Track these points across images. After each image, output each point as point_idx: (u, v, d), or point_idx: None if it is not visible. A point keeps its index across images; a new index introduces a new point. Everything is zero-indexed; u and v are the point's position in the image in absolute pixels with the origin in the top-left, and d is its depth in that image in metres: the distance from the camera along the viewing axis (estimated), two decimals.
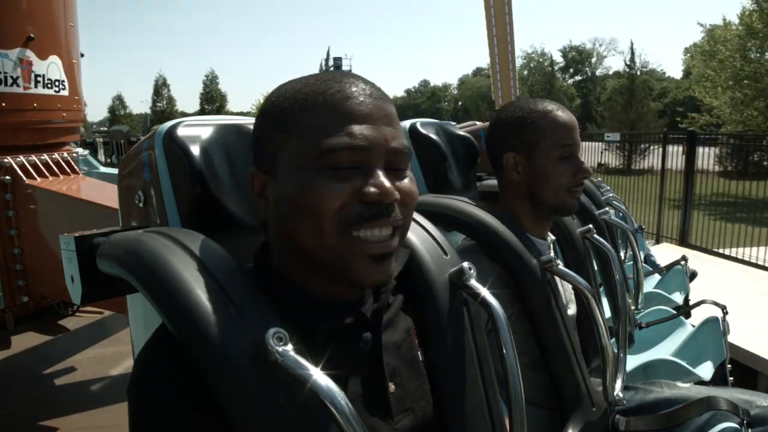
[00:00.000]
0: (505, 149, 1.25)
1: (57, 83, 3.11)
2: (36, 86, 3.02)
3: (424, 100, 70.58)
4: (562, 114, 1.22)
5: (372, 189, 0.63)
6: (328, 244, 0.63)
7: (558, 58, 49.84)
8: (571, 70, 51.66)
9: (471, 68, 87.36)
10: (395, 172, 0.67)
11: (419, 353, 0.76)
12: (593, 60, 52.14)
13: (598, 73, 51.52)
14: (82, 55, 3.06)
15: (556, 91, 39.23)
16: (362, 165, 0.64)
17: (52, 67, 3.09)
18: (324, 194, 0.62)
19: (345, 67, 31.24)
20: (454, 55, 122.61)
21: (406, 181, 0.68)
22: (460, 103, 64.98)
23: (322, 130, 0.64)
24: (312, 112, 0.65)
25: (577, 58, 51.44)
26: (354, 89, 0.66)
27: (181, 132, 0.84)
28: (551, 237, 1.35)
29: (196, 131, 0.85)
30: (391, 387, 0.71)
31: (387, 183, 0.63)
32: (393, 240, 0.66)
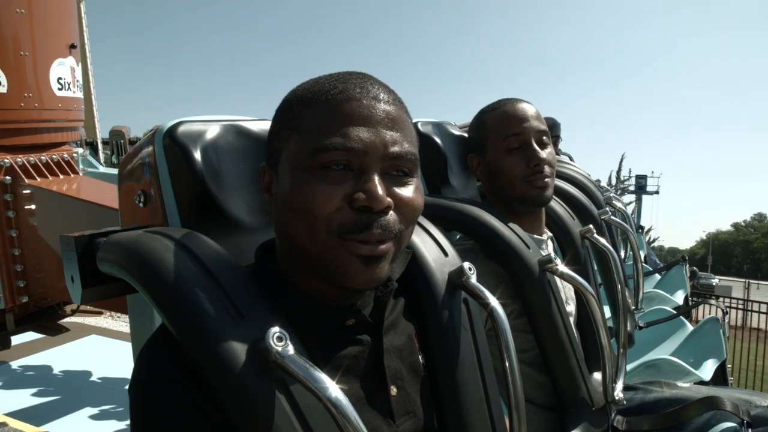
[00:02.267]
0: (469, 152, 1.30)
1: (81, 86, 3.15)
2: (77, 90, 3.07)
3: (757, 236, 57.27)
4: (510, 106, 1.23)
5: (361, 194, 0.61)
6: (319, 245, 0.62)
7: None
8: None
9: None
10: (396, 178, 0.65)
11: (420, 356, 0.76)
12: None
13: None
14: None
15: None
16: (357, 168, 0.63)
17: (80, 72, 3.12)
18: (315, 196, 0.61)
19: (650, 188, 25.75)
20: None
21: (407, 189, 0.65)
22: None
23: (319, 129, 0.63)
24: (313, 110, 0.64)
25: None
26: (358, 90, 0.65)
27: (181, 132, 0.84)
28: (548, 234, 1.35)
29: (197, 131, 0.85)
30: (393, 390, 0.70)
31: (379, 189, 0.61)
32: (384, 245, 0.63)
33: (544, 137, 1.22)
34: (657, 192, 26.04)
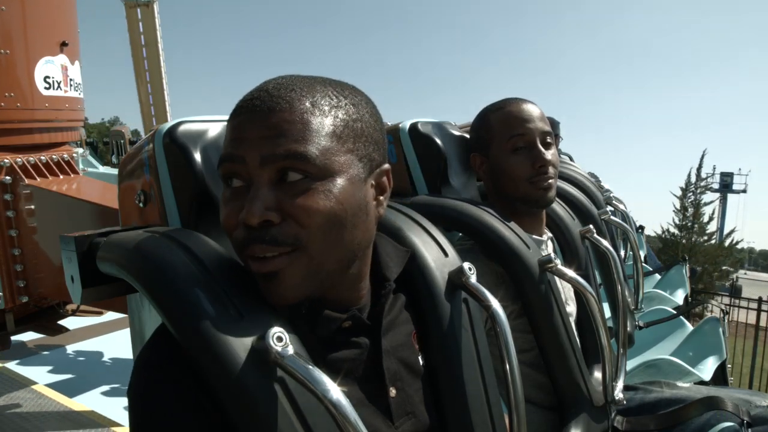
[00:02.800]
0: (471, 151, 1.30)
1: (79, 85, 3.13)
2: (70, 89, 3.04)
3: None
4: (515, 106, 1.23)
5: (244, 211, 0.59)
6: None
7: None
8: None
9: None
10: (291, 184, 0.60)
11: (420, 357, 0.76)
12: None
13: None
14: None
15: None
16: (248, 181, 0.61)
17: (76, 71, 3.10)
18: (222, 212, 0.62)
19: (737, 186, 24.28)
20: None
21: (300, 195, 0.59)
22: None
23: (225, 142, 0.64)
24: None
25: None
26: (248, 98, 0.63)
27: (181, 131, 0.84)
28: (548, 234, 1.35)
29: (197, 131, 0.85)
30: (392, 391, 0.70)
31: (254, 204, 0.58)
32: (277, 259, 0.59)
33: (548, 138, 1.23)
34: (744, 191, 24.92)
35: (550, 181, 1.21)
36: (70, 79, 3.08)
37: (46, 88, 2.88)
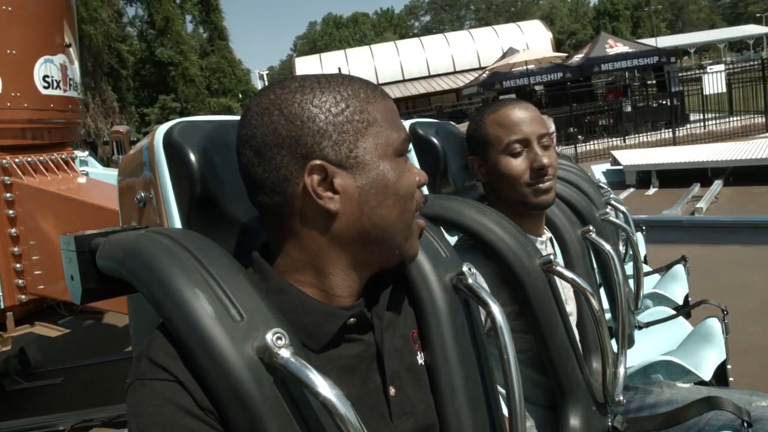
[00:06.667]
0: (469, 154, 1.30)
1: (78, 86, 3.13)
2: (70, 89, 3.03)
3: None
4: (511, 110, 1.23)
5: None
6: None
7: None
8: None
9: None
10: None
11: (419, 356, 0.76)
12: None
13: None
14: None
15: None
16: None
17: (75, 71, 3.10)
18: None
19: None
20: None
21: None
22: None
23: None
24: None
25: None
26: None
27: (181, 131, 0.84)
28: (548, 234, 1.35)
29: (196, 131, 0.85)
30: (392, 390, 0.71)
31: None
32: None
33: (545, 139, 1.23)
34: None
35: (549, 183, 1.22)
36: (70, 79, 3.07)
37: (45, 87, 2.87)
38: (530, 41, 23.29)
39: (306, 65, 23.99)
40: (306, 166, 0.66)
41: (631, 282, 1.98)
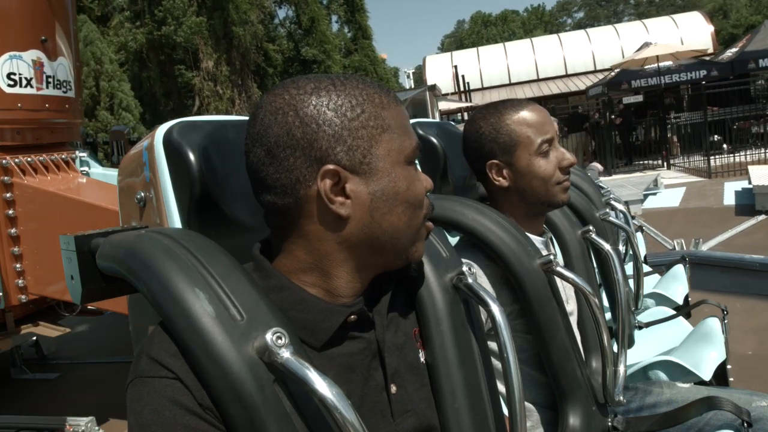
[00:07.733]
0: (486, 158, 1.26)
1: (65, 84, 3.10)
2: (47, 87, 2.98)
3: None
4: (533, 110, 1.24)
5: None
6: None
7: None
8: None
9: None
10: None
11: (420, 355, 0.76)
12: None
13: None
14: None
15: None
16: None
17: (60, 69, 3.07)
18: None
19: None
20: None
21: None
22: None
23: None
24: None
25: None
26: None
27: (181, 132, 0.84)
28: (548, 234, 1.35)
29: (196, 131, 0.85)
30: (393, 388, 0.71)
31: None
32: None
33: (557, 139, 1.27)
34: None
35: (569, 180, 1.26)
36: (48, 77, 2.97)
37: (10, 85, 2.77)
38: (685, 36, 19.60)
39: (437, 63, 22.89)
40: (319, 170, 0.65)
41: (631, 282, 1.98)
